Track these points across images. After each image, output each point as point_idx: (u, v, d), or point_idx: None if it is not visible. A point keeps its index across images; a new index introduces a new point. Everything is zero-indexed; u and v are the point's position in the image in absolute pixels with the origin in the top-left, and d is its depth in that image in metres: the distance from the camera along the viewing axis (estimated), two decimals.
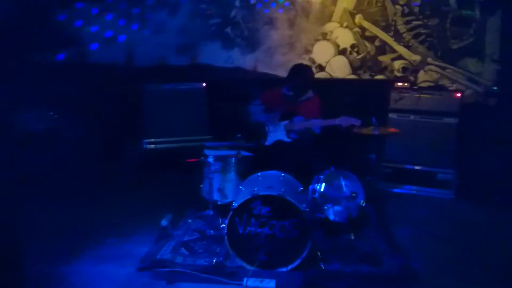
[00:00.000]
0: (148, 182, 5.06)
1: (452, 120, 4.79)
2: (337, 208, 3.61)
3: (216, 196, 3.77)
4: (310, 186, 3.77)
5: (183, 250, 3.44)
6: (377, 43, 5.61)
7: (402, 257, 3.39)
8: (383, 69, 5.64)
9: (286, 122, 4.34)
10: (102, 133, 5.31)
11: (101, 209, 4.37)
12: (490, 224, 4.15)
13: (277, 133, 4.39)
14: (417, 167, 4.92)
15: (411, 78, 5.56)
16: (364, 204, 3.71)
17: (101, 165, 5.19)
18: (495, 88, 5.27)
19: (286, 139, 4.34)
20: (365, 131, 3.84)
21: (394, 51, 5.59)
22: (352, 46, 5.65)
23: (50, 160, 4.85)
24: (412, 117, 4.91)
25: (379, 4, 5.52)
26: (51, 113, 4.92)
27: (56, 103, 5.06)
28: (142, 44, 5.82)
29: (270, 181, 3.41)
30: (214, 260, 3.20)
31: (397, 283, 3.06)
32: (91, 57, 5.85)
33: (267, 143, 4.41)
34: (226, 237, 3.12)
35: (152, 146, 5.27)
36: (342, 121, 3.97)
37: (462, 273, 3.21)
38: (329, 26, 5.64)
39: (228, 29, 5.77)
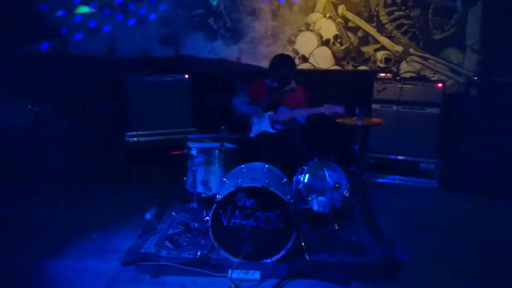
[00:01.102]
0: (131, 176, 5.01)
1: (434, 110, 4.85)
2: (321, 198, 3.63)
3: (200, 189, 3.75)
4: (294, 177, 3.77)
5: (168, 244, 3.42)
6: (360, 34, 5.61)
7: (387, 246, 3.42)
8: (366, 60, 5.66)
9: (270, 113, 4.33)
10: (84, 126, 5.24)
11: (84, 203, 4.31)
12: (472, 213, 4.23)
13: (261, 124, 4.38)
14: (400, 157, 4.97)
15: (394, 68, 5.60)
16: (347, 195, 3.74)
17: (83, 158, 5.13)
18: (475, 78, 5.33)
19: (271, 130, 4.34)
20: (348, 121, 3.86)
21: (377, 42, 5.61)
22: (335, 37, 5.65)
23: (31, 154, 4.78)
24: (394, 107, 4.95)
25: None
26: (29, 106, 4.82)
27: (36, 96, 4.97)
28: (124, 36, 5.73)
29: (254, 173, 3.40)
30: (199, 253, 3.19)
31: (382, 272, 3.08)
32: (72, 49, 5.74)
33: (252, 134, 4.41)
34: (210, 230, 3.11)
35: (135, 139, 5.21)
36: (326, 109, 3.99)
37: (445, 262, 3.26)
38: (313, 17, 5.63)
39: (211, 20, 5.71)
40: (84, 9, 5.60)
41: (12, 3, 5.24)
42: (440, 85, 4.87)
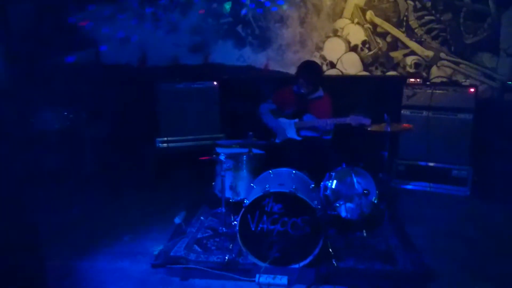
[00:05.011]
0: (161, 180, 5.13)
1: (466, 116, 4.74)
2: (349, 205, 3.60)
3: (228, 194, 3.79)
4: (322, 183, 3.77)
5: (197, 247, 3.48)
6: (388, 39, 5.56)
7: (416, 254, 3.38)
8: (395, 65, 5.59)
9: (295, 120, 4.35)
10: (117, 132, 5.39)
11: (116, 206, 4.44)
12: (506, 222, 4.10)
13: (287, 132, 4.40)
14: (431, 164, 4.88)
15: (424, 74, 5.51)
16: (376, 201, 3.70)
17: (116, 163, 5.27)
18: (510, 82, 5.18)
19: (297, 137, 4.36)
20: (377, 128, 3.82)
21: (406, 47, 5.54)
22: (364, 43, 5.61)
23: (66, 159, 4.95)
24: (425, 113, 4.87)
25: (390, 0, 5.48)
26: (66, 113, 5.01)
27: (72, 103, 5.15)
28: (155, 44, 5.88)
29: (282, 178, 3.42)
30: (227, 257, 3.23)
31: (411, 280, 3.04)
32: (106, 58, 5.94)
33: (278, 141, 4.43)
34: (238, 234, 3.15)
35: (165, 145, 5.32)
36: (352, 120, 3.97)
37: (477, 271, 3.19)
38: (340, 23, 5.62)
39: (239, 28, 5.79)
40: None
41: (50, 15, 5.47)
42: (472, 90, 4.77)
